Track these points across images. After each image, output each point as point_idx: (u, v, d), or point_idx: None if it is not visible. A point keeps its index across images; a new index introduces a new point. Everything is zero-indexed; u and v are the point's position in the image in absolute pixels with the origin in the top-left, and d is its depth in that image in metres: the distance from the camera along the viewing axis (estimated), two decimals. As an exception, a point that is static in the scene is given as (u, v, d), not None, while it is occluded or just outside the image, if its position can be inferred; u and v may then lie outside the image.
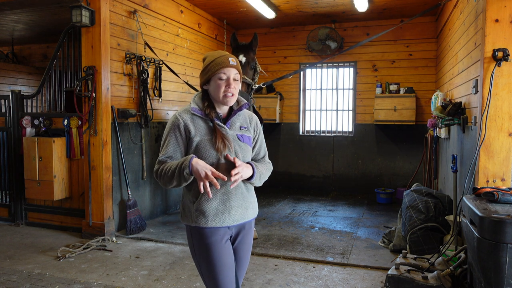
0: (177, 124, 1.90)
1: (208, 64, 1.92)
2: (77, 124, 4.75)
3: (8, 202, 5.25)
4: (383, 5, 6.17)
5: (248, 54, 4.31)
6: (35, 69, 8.22)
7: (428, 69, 6.80)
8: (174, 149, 1.89)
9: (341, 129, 7.52)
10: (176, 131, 1.89)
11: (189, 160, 1.77)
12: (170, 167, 1.82)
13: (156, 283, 3.40)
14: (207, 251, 1.88)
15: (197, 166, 1.76)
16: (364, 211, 6.01)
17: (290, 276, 3.55)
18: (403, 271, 2.83)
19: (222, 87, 1.89)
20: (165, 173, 1.83)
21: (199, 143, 1.88)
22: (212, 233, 1.89)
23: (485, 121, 3.16)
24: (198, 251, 1.92)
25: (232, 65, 1.90)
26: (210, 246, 1.88)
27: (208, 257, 1.88)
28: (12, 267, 3.75)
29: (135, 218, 4.83)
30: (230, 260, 1.93)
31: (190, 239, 1.96)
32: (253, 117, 2.11)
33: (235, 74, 1.91)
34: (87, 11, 4.36)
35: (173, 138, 1.90)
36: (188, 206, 1.94)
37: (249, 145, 2.00)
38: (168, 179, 1.84)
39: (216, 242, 1.89)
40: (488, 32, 3.19)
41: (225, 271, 1.89)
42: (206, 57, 1.98)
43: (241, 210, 1.95)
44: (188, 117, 1.92)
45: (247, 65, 4.24)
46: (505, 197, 2.54)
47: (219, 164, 1.88)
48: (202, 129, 1.91)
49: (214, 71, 1.88)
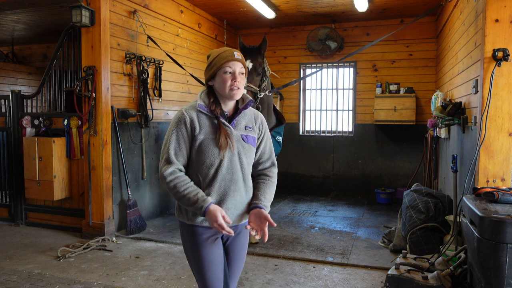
0: (183, 119, 1.88)
1: (213, 60, 1.92)
2: (77, 124, 4.75)
3: (8, 202, 5.25)
4: (383, 5, 6.17)
5: (256, 59, 4.07)
6: (35, 69, 8.23)
7: (428, 69, 6.80)
8: (179, 144, 1.88)
9: (341, 129, 7.52)
10: (182, 126, 1.88)
11: (203, 214, 1.80)
12: (187, 194, 1.82)
13: (156, 283, 3.40)
14: (196, 247, 1.92)
15: (209, 219, 1.80)
16: (364, 211, 6.01)
17: (290, 276, 3.55)
18: (403, 271, 2.83)
19: (228, 81, 1.88)
20: (180, 194, 1.84)
21: (203, 141, 1.87)
22: (203, 231, 1.92)
23: (485, 121, 3.16)
24: (189, 247, 1.96)
25: (237, 59, 1.90)
26: (200, 243, 1.92)
27: (197, 253, 1.93)
28: (12, 267, 3.75)
29: (135, 218, 4.83)
30: (218, 258, 1.95)
31: (182, 234, 2.01)
32: (258, 115, 2.08)
33: (240, 68, 1.91)
34: (87, 11, 4.36)
35: (179, 134, 1.88)
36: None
37: (253, 146, 1.99)
38: (179, 200, 1.87)
39: (206, 240, 1.92)
40: (488, 32, 3.19)
41: (212, 268, 1.92)
42: (210, 54, 1.98)
43: (237, 213, 1.95)
44: (194, 113, 1.91)
45: (254, 72, 4.02)
46: (505, 197, 2.54)
47: (221, 164, 1.87)
48: (206, 127, 1.89)
49: (219, 66, 1.88)
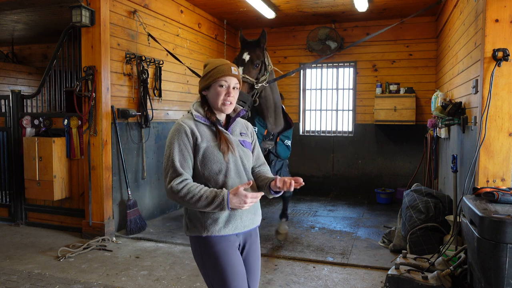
0: (183, 130, 1.86)
1: (210, 71, 1.93)
2: (77, 124, 4.75)
3: (8, 202, 5.25)
4: (383, 5, 6.17)
5: (254, 52, 4.06)
6: (35, 69, 8.23)
7: (428, 69, 6.80)
8: (183, 155, 1.84)
9: (341, 129, 7.52)
10: (184, 137, 1.85)
11: (227, 203, 1.74)
12: (203, 193, 1.77)
13: (156, 283, 3.40)
14: (218, 259, 1.84)
15: (235, 204, 1.75)
16: (364, 211, 6.01)
17: (290, 276, 3.55)
18: (403, 271, 2.83)
19: (222, 94, 1.91)
20: (195, 197, 1.76)
21: (206, 149, 1.87)
22: (222, 240, 1.86)
23: (485, 121, 3.16)
24: (209, 261, 1.86)
25: (234, 74, 1.93)
26: (221, 254, 1.84)
27: (220, 265, 1.83)
28: (12, 267, 3.75)
29: (135, 218, 4.83)
30: (242, 268, 1.89)
31: (198, 250, 1.90)
32: (248, 124, 2.15)
33: (235, 83, 1.95)
34: (87, 11, 4.36)
35: (181, 145, 1.85)
36: (197, 216, 1.88)
37: (250, 150, 2.04)
38: (196, 204, 1.78)
39: (227, 248, 1.86)
40: (488, 32, 3.19)
41: (238, 279, 1.85)
42: (207, 63, 1.99)
43: (251, 216, 1.95)
44: (193, 123, 1.91)
45: (250, 64, 4.01)
46: (505, 197, 2.54)
47: (228, 169, 1.88)
48: (207, 135, 1.90)
49: (215, 78, 1.90)
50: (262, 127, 4.29)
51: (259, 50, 4.08)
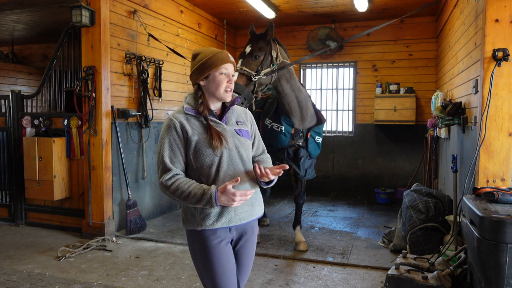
0: (173, 125, 1.87)
1: (207, 59, 1.90)
2: (77, 124, 4.75)
3: (8, 202, 5.25)
4: (383, 5, 6.17)
5: (256, 44, 3.84)
6: (35, 69, 8.22)
7: (428, 69, 6.80)
8: (173, 151, 1.86)
9: (341, 129, 7.52)
10: (173, 132, 1.86)
11: (215, 201, 1.73)
12: (192, 190, 1.77)
13: (156, 283, 3.40)
14: (208, 253, 1.86)
15: (224, 202, 1.75)
16: (364, 211, 6.01)
17: (290, 276, 3.55)
18: (403, 271, 2.83)
19: (224, 82, 1.91)
20: (184, 194, 1.77)
21: (198, 142, 1.86)
22: (214, 235, 1.86)
23: (485, 121, 3.16)
24: (199, 255, 1.90)
25: (232, 61, 1.96)
26: (212, 248, 1.86)
27: (210, 259, 1.86)
28: (12, 267, 3.75)
29: (135, 218, 4.83)
30: (230, 263, 1.90)
31: (192, 245, 1.93)
32: (247, 112, 2.12)
33: (232, 70, 1.98)
34: (87, 11, 4.36)
35: (171, 140, 1.86)
36: (190, 210, 1.90)
37: (248, 139, 2.00)
38: (185, 200, 1.79)
39: (218, 244, 1.87)
40: (488, 32, 3.19)
41: (226, 274, 1.87)
42: (199, 52, 1.95)
43: (247, 208, 1.92)
44: (183, 117, 1.90)
45: (249, 56, 3.79)
46: (505, 197, 2.54)
47: (221, 161, 1.86)
48: (198, 128, 1.89)
49: (216, 66, 1.89)
50: (289, 126, 4.12)
51: (263, 42, 3.87)
